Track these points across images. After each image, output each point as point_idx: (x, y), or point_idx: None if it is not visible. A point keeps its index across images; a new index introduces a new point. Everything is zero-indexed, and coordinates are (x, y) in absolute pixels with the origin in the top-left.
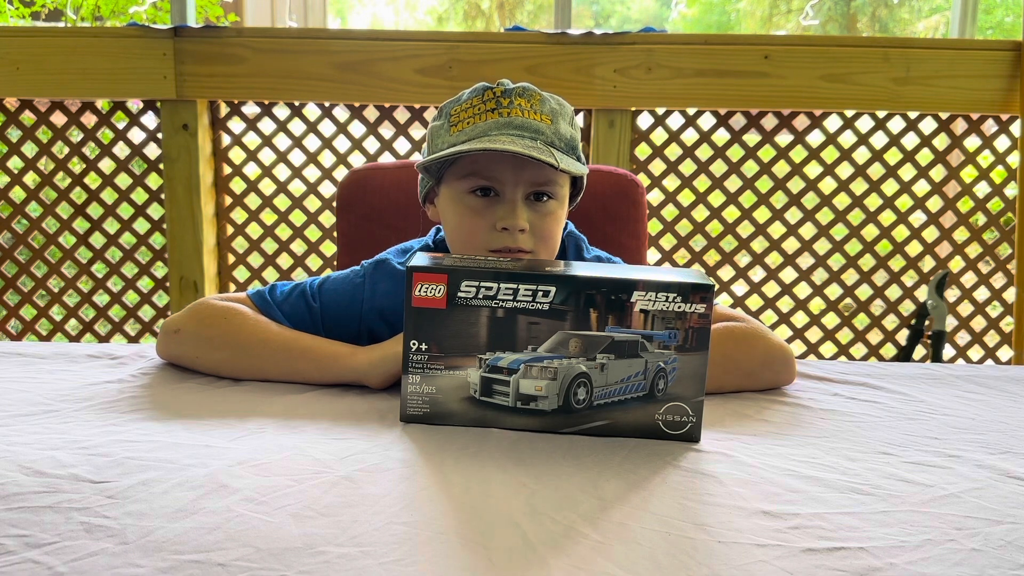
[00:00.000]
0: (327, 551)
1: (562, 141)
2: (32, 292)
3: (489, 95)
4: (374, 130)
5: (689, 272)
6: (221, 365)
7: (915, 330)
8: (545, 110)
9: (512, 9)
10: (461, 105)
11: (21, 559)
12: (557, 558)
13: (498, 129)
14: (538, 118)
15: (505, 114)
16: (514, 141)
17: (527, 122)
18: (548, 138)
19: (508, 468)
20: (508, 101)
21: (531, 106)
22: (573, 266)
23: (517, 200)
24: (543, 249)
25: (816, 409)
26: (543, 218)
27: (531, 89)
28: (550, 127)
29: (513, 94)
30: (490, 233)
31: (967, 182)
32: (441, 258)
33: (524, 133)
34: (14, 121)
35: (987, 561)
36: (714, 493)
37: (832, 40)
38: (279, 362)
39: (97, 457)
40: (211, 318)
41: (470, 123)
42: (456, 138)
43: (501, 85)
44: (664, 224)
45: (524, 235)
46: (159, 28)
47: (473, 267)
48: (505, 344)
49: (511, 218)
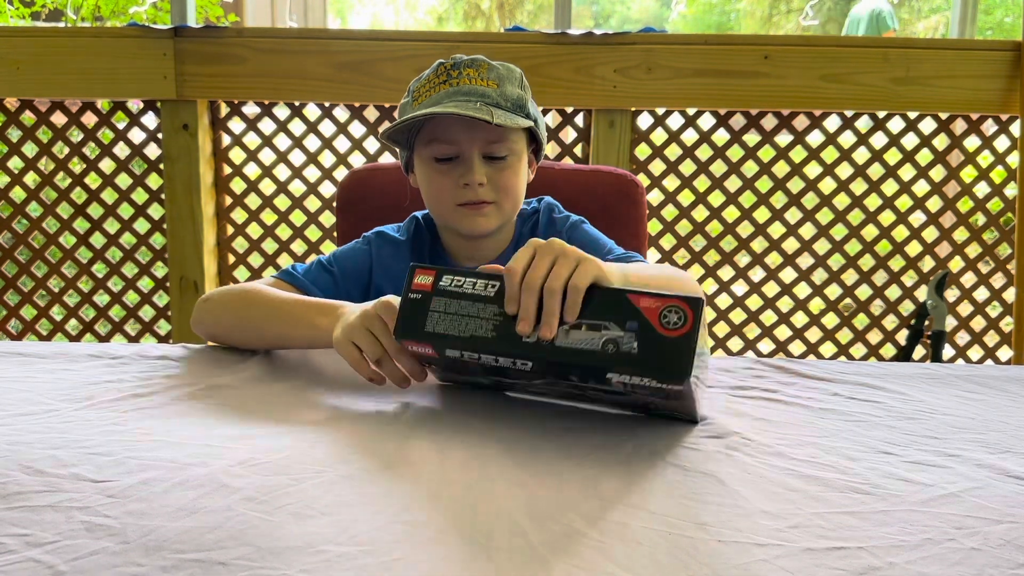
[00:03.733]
0: (327, 550)
1: (508, 101)
2: (32, 292)
3: (442, 69)
4: (374, 130)
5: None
6: (235, 327)
7: (915, 330)
8: (492, 76)
9: (512, 9)
10: (421, 82)
11: (22, 558)
12: (557, 558)
13: (448, 97)
14: (484, 84)
15: (455, 84)
16: (458, 105)
17: (474, 88)
18: (493, 99)
19: (508, 468)
20: (457, 72)
21: (479, 74)
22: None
23: (473, 158)
24: (504, 199)
25: (816, 409)
26: (500, 172)
27: (479, 59)
28: (496, 90)
29: (462, 65)
30: (454, 190)
31: (967, 182)
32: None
33: (471, 98)
34: (14, 121)
35: (986, 560)
36: (714, 493)
37: (832, 40)
38: (271, 320)
39: (98, 456)
40: (236, 289)
41: (427, 95)
42: (415, 110)
43: (453, 59)
44: (664, 224)
45: (484, 188)
46: (159, 28)
47: (455, 335)
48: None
49: (469, 174)
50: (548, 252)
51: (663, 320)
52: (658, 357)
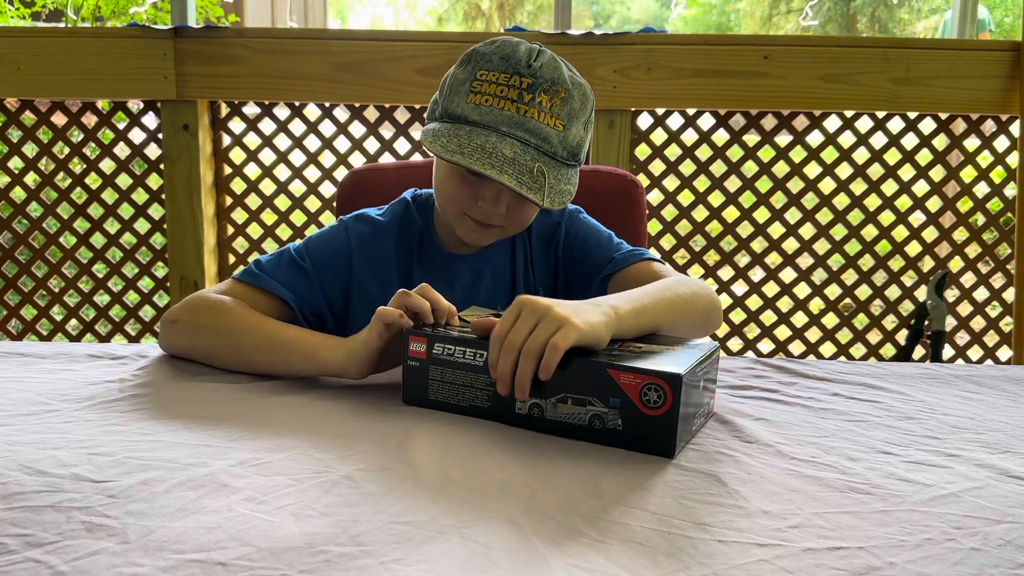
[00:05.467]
0: (328, 550)
1: (566, 149)
2: (33, 292)
3: (516, 81)
4: (374, 130)
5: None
6: (213, 354)
7: (915, 330)
8: (563, 112)
9: (512, 9)
10: (489, 72)
11: (22, 558)
12: (557, 558)
13: (509, 126)
14: (552, 122)
15: (523, 111)
16: (515, 159)
17: (539, 127)
18: (552, 147)
19: (509, 468)
20: (531, 97)
21: (551, 106)
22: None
23: (503, 191)
24: (513, 228)
25: (816, 409)
26: (520, 207)
27: (559, 83)
28: (560, 133)
29: (538, 89)
30: (470, 202)
31: (966, 182)
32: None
33: (531, 140)
34: (15, 121)
35: (986, 560)
36: (714, 493)
37: (831, 40)
38: (265, 352)
39: (98, 456)
40: (206, 310)
41: (488, 102)
42: (470, 111)
43: (531, 70)
44: (664, 224)
45: (499, 216)
46: (160, 28)
47: (455, 403)
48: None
49: (491, 207)
50: (531, 315)
51: (643, 398)
52: (643, 434)
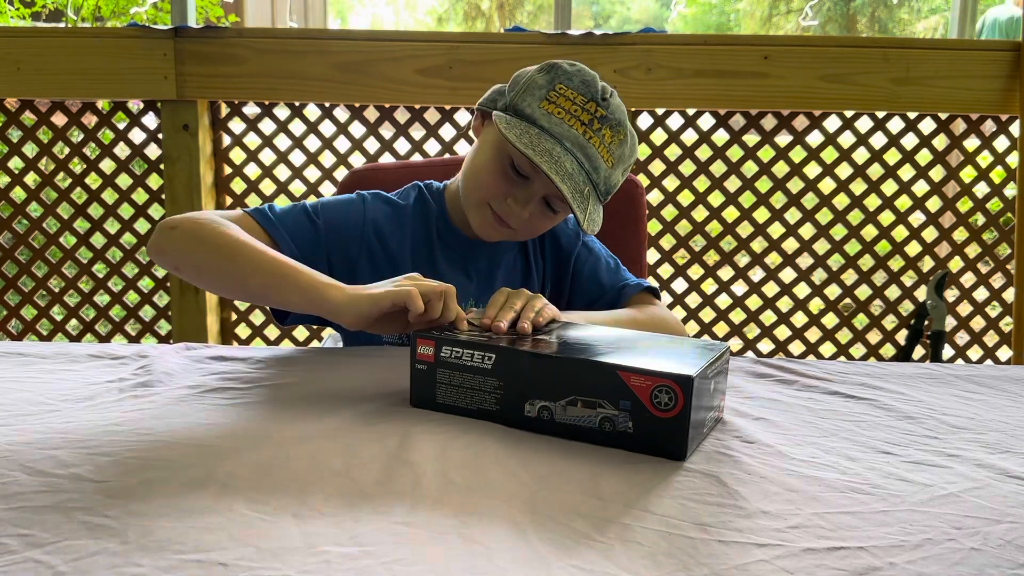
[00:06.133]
0: (328, 551)
1: (606, 185)
2: (33, 292)
3: (591, 107)
4: (374, 131)
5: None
6: (205, 268)
7: (914, 330)
8: (617, 152)
9: (512, 10)
10: (568, 88)
11: (22, 558)
12: (558, 558)
13: (573, 144)
14: (607, 156)
15: (588, 136)
16: (573, 175)
17: (596, 156)
18: (600, 178)
19: (510, 468)
20: (599, 127)
21: (611, 143)
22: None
23: (535, 197)
24: (526, 235)
25: (816, 409)
26: (542, 217)
27: (623, 126)
28: (608, 170)
29: (607, 123)
30: (498, 195)
31: (966, 182)
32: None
33: (586, 164)
34: (15, 121)
35: (986, 560)
36: (714, 493)
37: (831, 40)
38: (262, 275)
39: (98, 456)
40: (209, 223)
41: (560, 115)
42: (540, 115)
43: (605, 103)
44: (664, 224)
45: (520, 219)
46: (160, 28)
47: (464, 407)
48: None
49: (519, 208)
50: (518, 296)
51: (654, 400)
52: (654, 437)
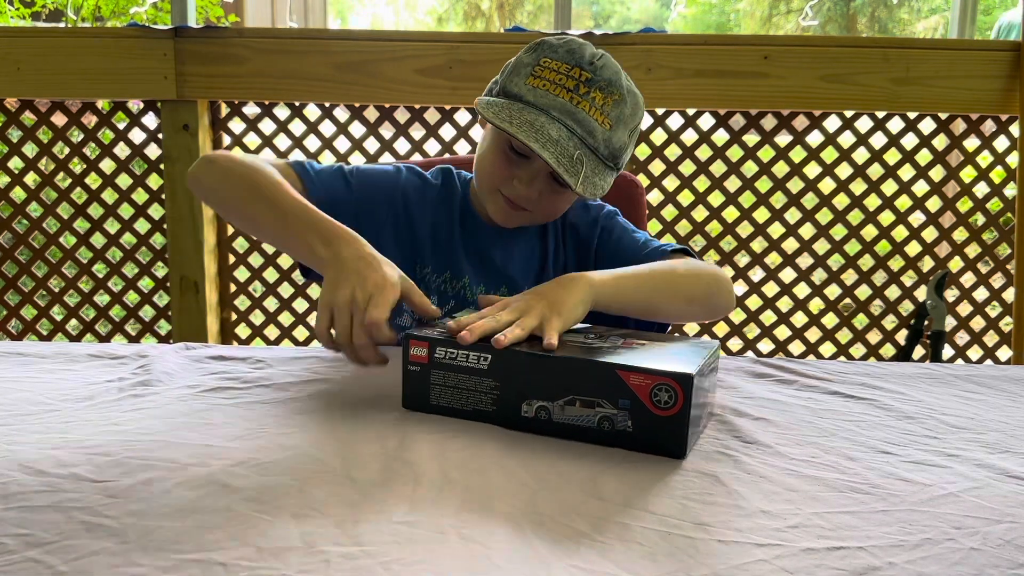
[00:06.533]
0: (328, 550)
1: (608, 148)
2: (33, 292)
3: (576, 72)
4: (374, 131)
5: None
6: (230, 201)
7: (914, 330)
8: (613, 114)
9: (512, 10)
10: (552, 61)
11: (22, 558)
12: (557, 558)
13: (560, 112)
14: (601, 119)
15: (575, 102)
16: (559, 141)
17: (588, 119)
18: (596, 142)
19: (509, 468)
20: (586, 91)
21: (604, 104)
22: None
23: (540, 174)
24: (541, 217)
25: (816, 409)
26: (553, 195)
27: (615, 85)
28: (606, 132)
29: (595, 86)
30: (505, 179)
31: (966, 182)
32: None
33: (577, 129)
34: (15, 121)
35: (986, 560)
36: (714, 493)
37: (831, 40)
38: (281, 215)
39: (98, 456)
40: (245, 161)
41: (545, 87)
42: (526, 92)
43: (592, 67)
44: (664, 224)
45: (530, 200)
46: (160, 28)
47: (459, 408)
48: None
49: (524, 188)
50: (515, 311)
51: (654, 399)
52: (653, 435)
